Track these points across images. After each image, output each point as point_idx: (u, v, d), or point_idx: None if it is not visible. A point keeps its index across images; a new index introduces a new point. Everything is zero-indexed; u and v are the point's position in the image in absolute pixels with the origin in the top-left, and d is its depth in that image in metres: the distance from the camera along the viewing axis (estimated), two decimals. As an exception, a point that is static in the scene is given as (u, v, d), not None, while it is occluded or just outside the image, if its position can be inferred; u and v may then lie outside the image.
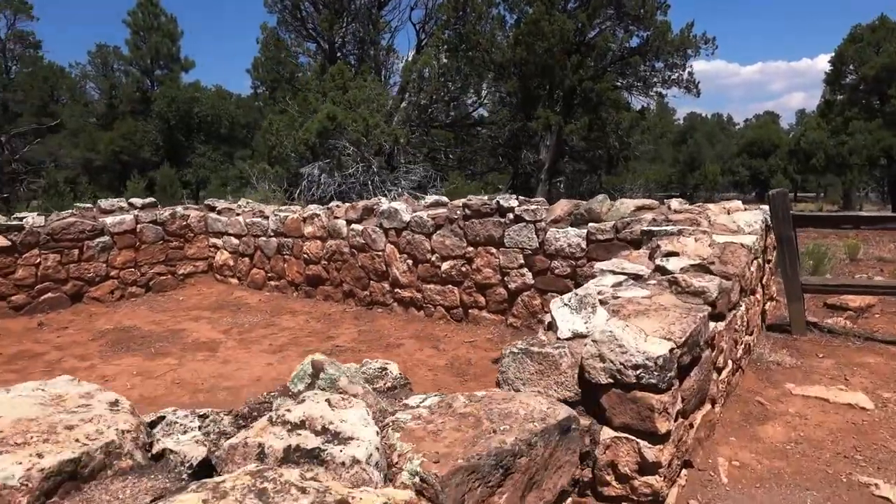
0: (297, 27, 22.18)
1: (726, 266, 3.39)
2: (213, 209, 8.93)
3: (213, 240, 8.74)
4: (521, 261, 5.90)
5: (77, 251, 7.44)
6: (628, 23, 17.35)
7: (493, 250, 6.07)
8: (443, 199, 6.84)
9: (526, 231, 5.84)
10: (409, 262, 6.66)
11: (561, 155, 19.98)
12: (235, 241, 8.45)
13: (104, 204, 8.12)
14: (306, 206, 8.35)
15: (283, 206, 8.74)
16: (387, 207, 6.85)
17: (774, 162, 35.46)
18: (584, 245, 5.49)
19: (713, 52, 17.94)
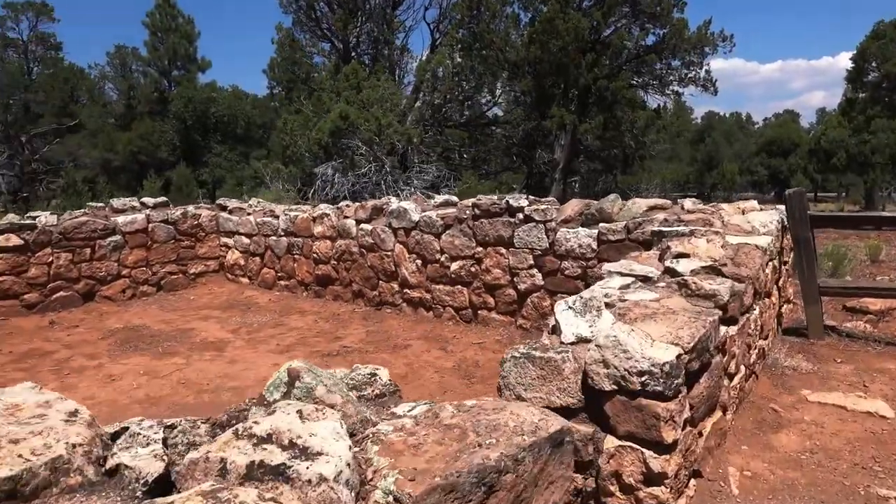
0: (312, 27, 22.24)
1: (739, 268, 3.27)
2: (224, 208, 8.95)
3: (225, 239, 8.75)
4: (530, 261, 5.81)
5: (89, 250, 7.48)
6: (644, 20, 17.13)
7: (503, 251, 5.98)
8: (452, 199, 6.77)
9: (536, 231, 5.74)
10: (419, 262, 6.60)
11: (576, 154, 19.80)
12: (246, 240, 8.45)
13: (116, 203, 8.17)
14: (316, 205, 8.32)
15: (294, 206, 8.73)
16: (396, 207, 6.80)
17: (794, 161, 34.91)
18: (594, 246, 5.39)
19: (731, 50, 17.63)
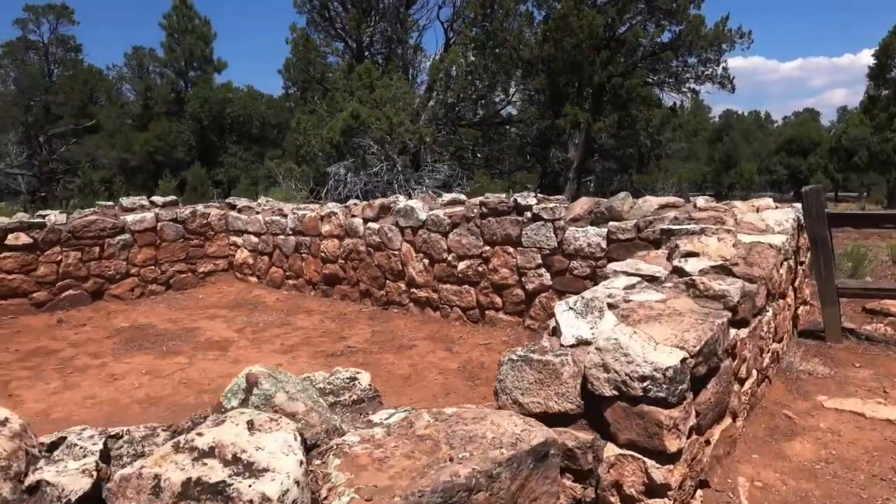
0: (326, 27, 22.26)
1: (752, 268, 3.13)
2: (233, 207, 8.93)
3: (234, 238, 8.73)
4: (538, 261, 5.69)
5: (98, 249, 7.49)
6: (660, 17, 16.86)
7: (511, 250, 5.87)
8: (460, 197, 6.67)
9: (544, 230, 5.62)
10: (426, 261, 6.51)
11: (590, 153, 19.58)
12: (255, 239, 8.42)
13: (125, 202, 8.18)
14: (325, 204, 8.26)
15: (302, 205, 8.68)
16: (403, 206, 6.71)
17: (814, 160, 34.30)
18: (604, 245, 5.26)
19: (749, 47, 17.22)
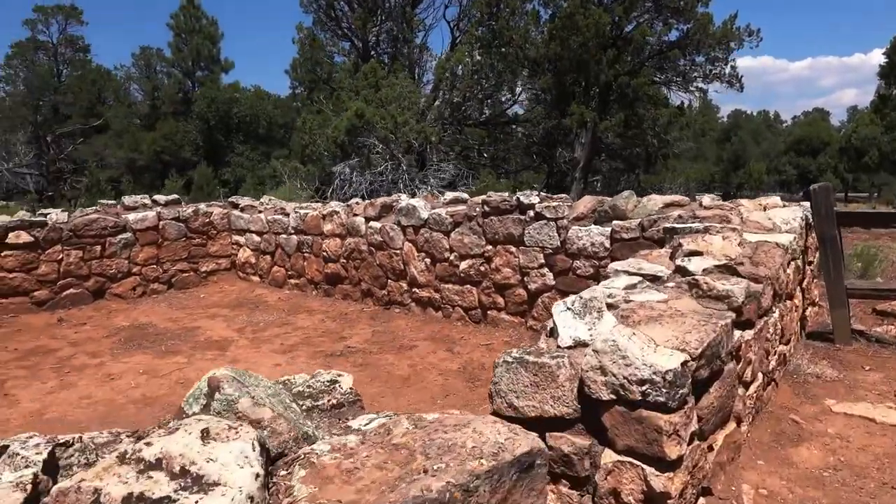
0: (332, 26, 22.26)
1: (757, 267, 3.04)
2: (236, 206, 8.88)
3: (236, 237, 8.69)
4: (541, 260, 5.60)
5: (99, 247, 7.45)
6: (667, 15, 16.71)
7: (513, 249, 5.78)
8: (462, 196, 6.59)
9: (546, 229, 5.53)
10: (427, 260, 6.43)
11: (597, 153, 19.44)
12: (257, 238, 8.37)
13: (127, 200, 8.15)
14: (327, 203, 8.21)
15: (304, 204, 8.63)
16: (405, 204, 6.64)
17: (824, 160, 33.98)
18: (608, 244, 5.16)
19: (758, 45, 17.01)
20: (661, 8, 16.55)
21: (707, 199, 4.86)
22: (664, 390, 2.00)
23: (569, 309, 2.49)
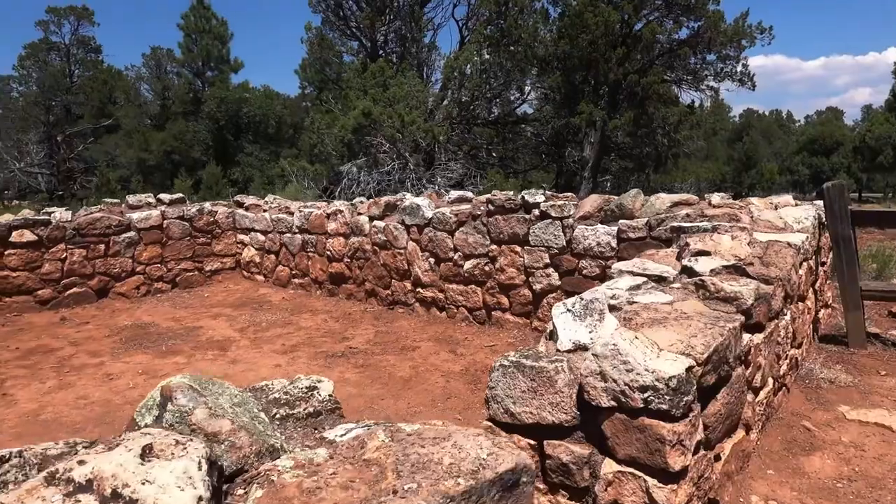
0: (341, 26, 22.23)
1: (768, 268, 2.92)
2: (241, 205, 8.84)
3: (241, 236, 8.64)
4: (546, 260, 5.49)
5: (103, 246, 7.43)
6: (678, 13, 16.49)
7: (518, 249, 5.68)
8: (467, 195, 6.50)
9: (552, 228, 5.42)
10: (431, 260, 6.34)
11: (606, 152, 19.25)
12: (262, 237, 8.31)
13: (132, 199, 8.12)
14: (331, 202, 8.14)
15: (309, 203, 8.56)
16: (408, 203, 6.55)
17: (837, 160, 33.51)
18: (614, 244, 5.05)
19: (770, 42, 16.77)
20: (671, 5, 16.35)
21: (716, 197, 4.73)
22: (667, 397, 1.90)
23: (569, 311, 2.39)
